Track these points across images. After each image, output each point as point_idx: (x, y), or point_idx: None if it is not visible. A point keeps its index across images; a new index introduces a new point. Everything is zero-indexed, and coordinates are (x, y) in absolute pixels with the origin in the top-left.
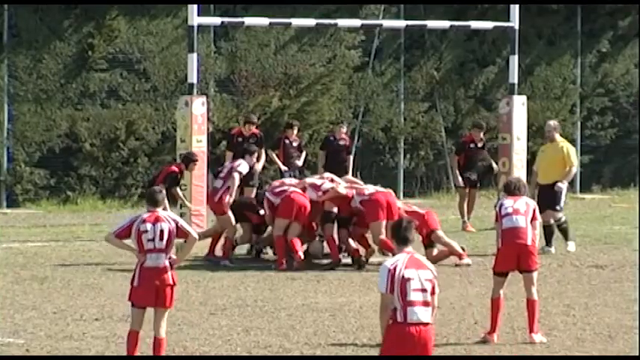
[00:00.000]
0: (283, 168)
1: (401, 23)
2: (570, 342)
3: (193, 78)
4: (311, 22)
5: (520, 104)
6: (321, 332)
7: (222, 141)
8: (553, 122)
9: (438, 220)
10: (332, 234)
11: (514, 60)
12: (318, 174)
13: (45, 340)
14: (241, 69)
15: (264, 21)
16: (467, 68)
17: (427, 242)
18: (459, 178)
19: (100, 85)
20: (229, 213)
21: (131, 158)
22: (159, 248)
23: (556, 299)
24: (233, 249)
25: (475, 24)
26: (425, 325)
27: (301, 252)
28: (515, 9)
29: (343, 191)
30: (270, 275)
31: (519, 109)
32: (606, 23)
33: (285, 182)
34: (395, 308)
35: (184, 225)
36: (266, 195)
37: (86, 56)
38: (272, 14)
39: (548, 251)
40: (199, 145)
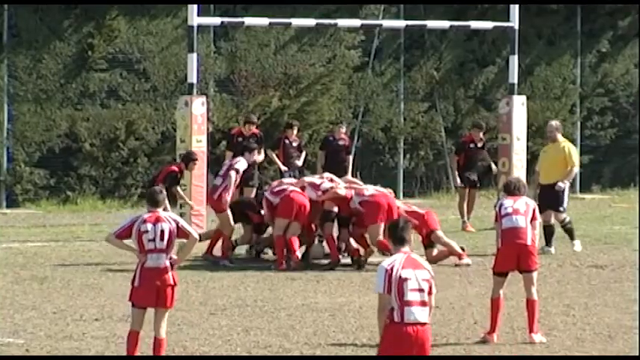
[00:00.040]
0: (283, 168)
1: (401, 23)
2: (570, 342)
3: (193, 78)
4: (311, 22)
5: (520, 104)
6: (321, 332)
7: (222, 141)
8: (555, 122)
9: (438, 220)
10: (331, 233)
11: (514, 60)
12: (317, 174)
13: (45, 340)
14: (241, 69)
15: (264, 21)
16: (467, 68)
17: (427, 242)
18: (457, 179)
19: (100, 85)
20: (228, 211)
21: (131, 158)
22: (159, 248)
23: (556, 299)
24: (233, 249)
25: (475, 24)
26: (422, 325)
27: (299, 252)
28: (515, 9)
29: (342, 192)
30: (269, 275)
31: (519, 109)
32: (606, 23)
33: (283, 182)
34: (392, 308)
35: (185, 225)
36: (265, 195)
37: (86, 56)
38: (272, 14)
39: (548, 251)
40: (199, 145)
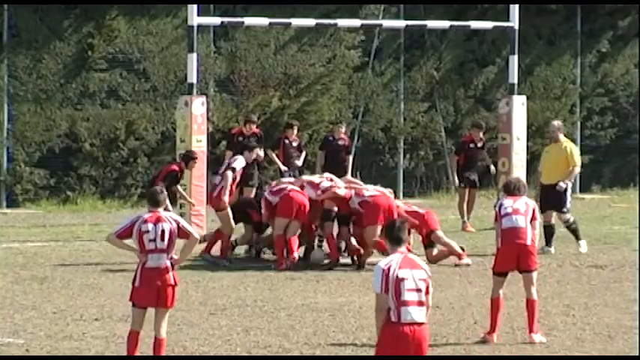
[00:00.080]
0: (283, 168)
1: (401, 23)
2: (570, 342)
3: (193, 78)
4: (311, 22)
5: (520, 104)
6: (321, 332)
7: (221, 141)
8: (557, 122)
9: (438, 220)
10: (331, 233)
11: (514, 60)
12: (316, 174)
13: (45, 340)
14: (241, 69)
15: (264, 21)
16: (467, 68)
17: (427, 242)
18: (456, 179)
19: (100, 85)
20: (228, 210)
21: (131, 158)
22: (160, 248)
23: (556, 299)
24: (233, 249)
25: (475, 24)
26: (419, 325)
27: (296, 253)
28: (514, 9)
29: (342, 192)
30: (269, 275)
31: (519, 109)
32: (606, 23)
33: (282, 181)
34: (389, 308)
35: (185, 225)
36: (264, 195)
37: (86, 56)
38: (272, 14)
39: (547, 251)
40: (199, 145)
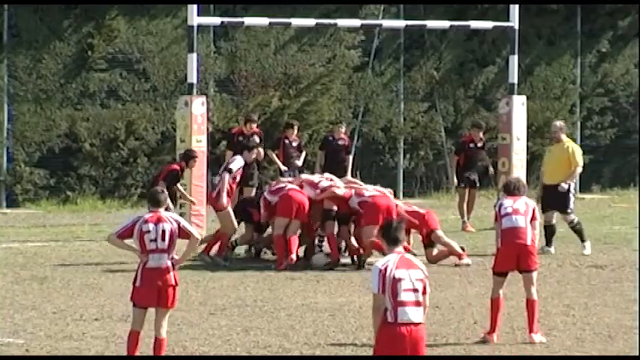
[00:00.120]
0: (283, 168)
1: (400, 23)
2: (570, 342)
3: (193, 78)
4: (311, 22)
5: (520, 104)
6: (321, 332)
7: (221, 141)
8: (559, 123)
9: (438, 220)
10: (333, 232)
11: (514, 60)
12: (316, 174)
13: (45, 340)
14: (241, 69)
15: (263, 21)
16: (466, 68)
17: (427, 242)
18: (455, 180)
19: (100, 85)
20: (229, 210)
21: (131, 158)
22: (161, 249)
23: (556, 299)
24: (233, 249)
25: (475, 24)
26: (416, 325)
27: (294, 254)
28: (514, 9)
29: (340, 192)
30: (269, 275)
31: (519, 109)
32: (606, 23)
33: (281, 180)
34: (386, 308)
35: (186, 225)
36: (263, 195)
37: (86, 56)
38: (272, 14)
39: (547, 251)
40: (199, 145)
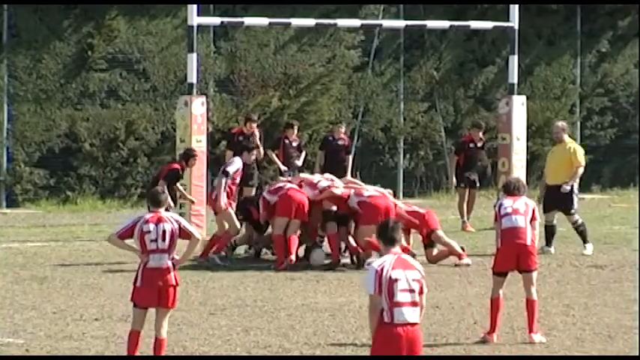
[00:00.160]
0: (283, 168)
1: (400, 23)
2: (570, 342)
3: (193, 78)
4: (310, 22)
5: (520, 104)
6: (321, 332)
7: (221, 141)
8: (561, 123)
9: (438, 220)
10: (333, 232)
11: (514, 60)
12: (315, 174)
13: (45, 340)
14: (241, 69)
15: (263, 21)
16: (466, 68)
17: (427, 242)
18: (454, 180)
19: (100, 85)
20: (229, 210)
21: (131, 158)
22: (162, 249)
23: (555, 299)
24: (233, 249)
25: (475, 24)
26: (412, 326)
27: (293, 255)
28: (514, 9)
29: (338, 192)
30: (269, 275)
31: (519, 109)
32: (606, 23)
33: (280, 180)
34: (383, 309)
35: (187, 226)
36: (263, 194)
37: (86, 56)
38: (272, 14)
39: (547, 251)
40: (199, 145)
